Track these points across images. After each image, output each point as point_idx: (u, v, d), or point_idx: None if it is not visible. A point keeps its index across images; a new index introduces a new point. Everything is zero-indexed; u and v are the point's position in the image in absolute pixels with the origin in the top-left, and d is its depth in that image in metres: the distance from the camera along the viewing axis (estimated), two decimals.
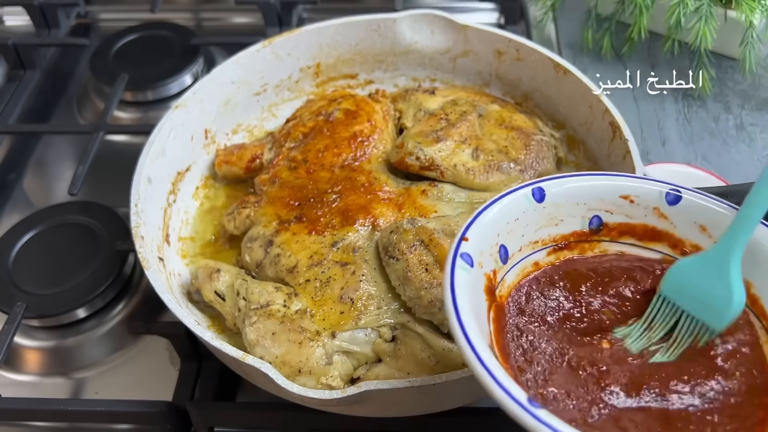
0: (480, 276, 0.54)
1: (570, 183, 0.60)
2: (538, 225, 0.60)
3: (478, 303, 0.52)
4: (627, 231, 0.61)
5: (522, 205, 0.58)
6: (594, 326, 0.56)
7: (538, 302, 0.57)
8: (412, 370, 0.67)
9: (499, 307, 0.55)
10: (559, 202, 0.60)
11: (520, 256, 0.59)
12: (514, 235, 0.58)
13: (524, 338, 0.54)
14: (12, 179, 1.08)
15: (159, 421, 0.74)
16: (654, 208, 0.60)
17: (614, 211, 0.61)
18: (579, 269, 0.59)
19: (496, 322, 0.53)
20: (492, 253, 0.56)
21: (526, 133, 0.86)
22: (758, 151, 1.01)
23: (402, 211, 0.77)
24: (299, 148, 0.87)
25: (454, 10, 1.29)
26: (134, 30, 1.24)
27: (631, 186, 0.60)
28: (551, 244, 0.61)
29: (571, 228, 0.61)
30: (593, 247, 0.62)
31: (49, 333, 0.87)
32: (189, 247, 0.87)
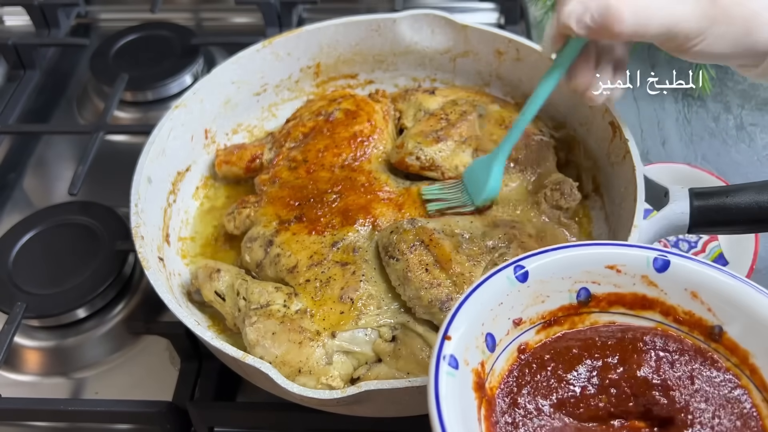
0: (467, 374, 0.50)
1: (552, 257, 0.57)
2: (524, 305, 0.57)
3: (467, 405, 0.49)
4: (616, 301, 0.59)
5: (505, 288, 0.55)
6: (591, 412, 0.53)
7: (529, 389, 0.53)
8: (412, 370, 0.67)
9: (490, 401, 0.52)
10: (543, 279, 0.56)
11: (509, 340, 0.56)
12: (499, 320, 0.55)
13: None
14: (12, 179, 1.08)
15: (159, 421, 0.74)
16: (642, 276, 0.57)
17: (601, 282, 0.58)
18: (570, 347, 0.56)
19: (488, 420, 0.50)
20: (478, 345, 0.53)
21: (526, 133, 0.85)
22: (758, 151, 1.01)
23: (402, 211, 0.77)
24: (299, 148, 0.87)
25: (454, 10, 1.29)
26: (134, 30, 1.24)
27: (616, 254, 0.58)
28: (539, 321, 0.58)
29: (558, 303, 0.58)
30: (583, 320, 0.59)
31: (49, 333, 0.87)
32: (189, 247, 0.87)
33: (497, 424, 0.51)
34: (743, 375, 0.54)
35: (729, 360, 0.55)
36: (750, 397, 0.53)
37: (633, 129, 0.83)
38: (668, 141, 1.03)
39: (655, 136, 1.03)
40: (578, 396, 0.53)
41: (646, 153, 1.00)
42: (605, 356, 0.55)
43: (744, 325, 0.54)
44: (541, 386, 0.54)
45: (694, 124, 1.05)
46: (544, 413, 0.53)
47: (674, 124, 1.05)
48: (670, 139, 1.03)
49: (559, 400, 0.53)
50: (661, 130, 1.04)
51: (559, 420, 0.52)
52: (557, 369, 0.55)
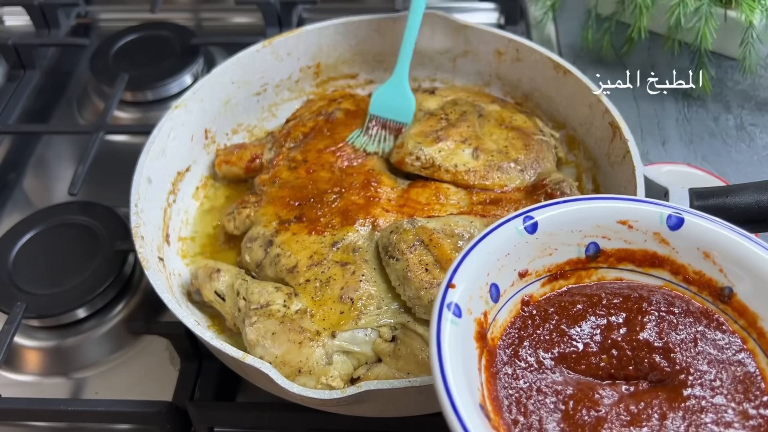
0: (470, 324, 0.50)
1: (563, 209, 0.56)
2: (531, 257, 0.56)
3: (468, 354, 0.49)
4: (626, 257, 0.58)
5: (512, 239, 0.54)
6: (592, 370, 0.53)
7: (531, 342, 0.53)
8: (412, 370, 0.67)
9: (491, 352, 0.51)
10: (552, 231, 0.56)
11: (513, 291, 0.55)
12: (505, 270, 0.54)
13: (518, 384, 0.50)
14: (12, 179, 1.08)
15: (159, 421, 0.74)
16: (654, 233, 0.57)
17: (612, 237, 0.57)
18: (575, 302, 0.56)
19: (488, 370, 0.50)
20: (482, 295, 0.52)
21: (526, 133, 0.86)
22: (758, 151, 1.01)
23: (402, 211, 0.77)
24: (299, 148, 0.87)
25: (454, 10, 1.29)
26: (134, 30, 1.24)
27: (629, 210, 0.57)
28: (545, 274, 0.57)
29: (566, 256, 0.57)
30: (590, 275, 0.58)
31: (49, 333, 0.87)
32: (189, 247, 0.87)
33: (497, 375, 0.51)
34: (750, 338, 0.54)
35: (737, 322, 0.55)
36: (755, 360, 0.53)
37: (633, 129, 0.83)
38: (668, 141, 1.03)
39: (655, 136, 1.03)
40: (580, 352, 0.53)
41: (646, 153, 1.00)
42: (609, 315, 0.55)
43: (755, 288, 0.53)
44: (543, 339, 0.53)
45: (694, 124, 1.05)
46: (545, 366, 0.52)
47: (674, 124, 1.05)
48: (670, 139, 1.03)
49: (560, 354, 0.53)
50: (661, 130, 1.04)
51: (559, 373, 0.52)
52: (560, 323, 0.54)
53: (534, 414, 0.49)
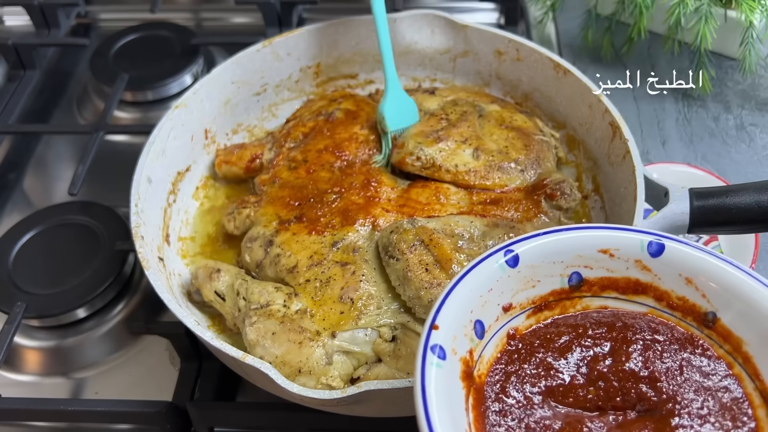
0: (455, 364, 0.50)
1: (543, 241, 0.56)
2: (514, 290, 0.56)
3: (454, 395, 0.48)
4: (609, 285, 0.58)
5: (494, 274, 0.54)
6: (579, 403, 0.52)
7: (518, 377, 0.53)
8: (412, 370, 0.67)
9: (478, 390, 0.51)
10: (534, 263, 0.56)
11: (498, 326, 0.55)
12: (489, 306, 0.54)
13: (506, 421, 0.50)
14: (12, 179, 1.08)
15: (159, 421, 0.74)
16: (636, 260, 0.57)
17: (594, 266, 0.57)
18: (560, 333, 0.55)
19: (476, 409, 0.50)
20: (467, 333, 0.52)
21: (526, 133, 0.86)
22: (758, 151, 1.01)
23: (402, 211, 0.77)
24: (299, 148, 0.87)
25: (454, 10, 1.29)
26: (134, 30, 1.24)
27: (610, 238, 0.56)
28: (530, 306, 0.57)
29: (549, 287, 0.57)
30: (575, 304, 0.58)
31: (49, 333, 0.87)
32: (189, 247, 0.87)
33: (485, 413, 0.50)
34: (736, 363, 0.54)
35: (722, 347, 0.55)
36: (741, 385, 0.53)
37: (633, 129, 0.83)
38: (668, 141, 1.03)
39: (655, 136, 1.03)
40: (567, 385, 0.53)
41: (646, 153, 1.00)
42: (595, 345, 0.55)
43: (738, 313, 0.54)
44: (530, 374, 0.53)
45: (694, 124, 1.05)
46: (533, 402, 0.52)
47: (674, 124, 1.05)
48: (670, 139, 1.03)
49: (548, 388, 0.53)
50: (661, 130, 1.04)
51: (548, 408, 0.52)
52: (546, 356, 0.54)
53: None
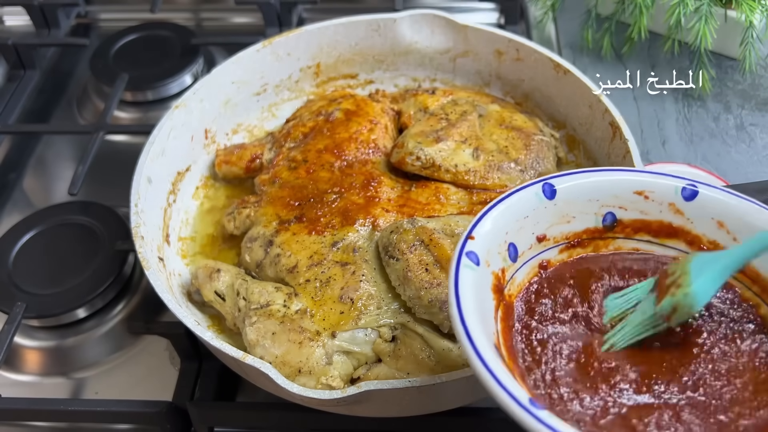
0: (487, 275, 0.52)
1: (582, 179, 0.58)
2: (549, 222, 0.58)
3: (485, 302, 0.51)
4: (642, 228, 0.60)
5: (532, 203, 0.57)
6: (605, 329, 0.54)
7: (548, 301, 0.55)
8: (412, 370, 0.67)
9: (508, 306, 0.54)
10: (570, 198, 0.58)
11: (531, 254, 0.58)
12: (523, 232, 0.56)
13: (533, 337, 0.52)
14: (12, 179, 1.08)
15: (159, 421, 0.74)
16: (669, 204, 0.58)
17: (628, 208, 0.59)
18: (591, 268, 0.57)
19: (504, 321, 0.52)
20: (500, 252, 0.54)
21: (526, 133, 0.86)
22: (758, 151, 1.01)
23: (402, 211, 0.77)
24: (299, 148, 0.87)
25: (454, 10, 1.29)
26: (134, 30, 1.24)
27: (645, 181, 0.59)
28: (563, 241, 0.59)
29: (583, 225, 0.59)
30: (607, 244, 0.60)
31: (49, 333, 0.87)
32: (189, 247, 0.87)
33: (513, 327, 0.53)
34: (764, 304, 0.55)
35: (750, 289, 0.56)
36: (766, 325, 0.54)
37: (633, 129, 0.83)
38: (668, 141, 1.03)
39: (655, 136, 1.03)
40: (594, 312, 0.55)
41: (646, 153, 1.00)
42: (624, 282, 0.56)
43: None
44: (559, 299, 0.55)
45: (694, 124, 1.05)
46: (559, 322, 0.54)
47: (674, 124, 1.05)
48: (670, 139, 1.03)
49: (574, 313, 0.55)
50: (661, 130, 1.04)
51: (573, 329, 0.54)
52: (576, 286, 0.56)
53: (547, 364, 0.51)
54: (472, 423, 0.73)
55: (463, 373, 0.61)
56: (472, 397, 0.70)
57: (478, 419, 0.73)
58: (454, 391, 0.65)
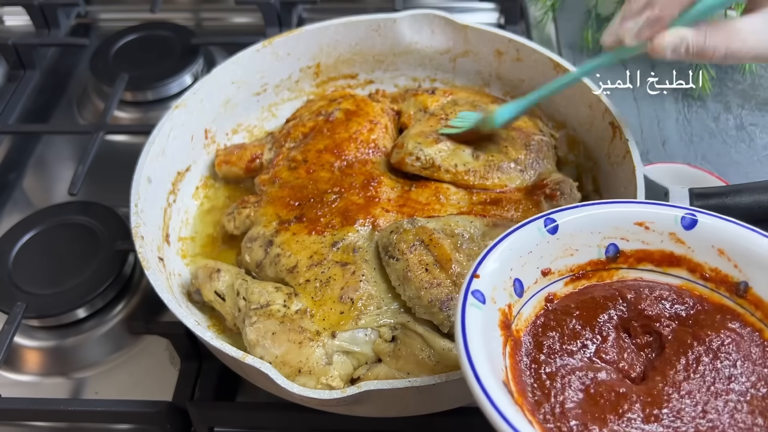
0: (494, 312, 0.53)
1: (583, 213, 0.59)
2: (553, 256, 0.59)
3: (492, 339, 0.52)
4: (644, 257, 0.60)
5: (534, 238, 0.57)
6: (611, 357, 0.55)
7: (555, 333, 0.56)
8: (412, 370, 0.67)
9: (516, 341, 0.54)
10: (572, 232, 0.59)
11: (536, 289, 0.58)
12: (528, 267, 0.57)
13: (542, 371, 0.53)
14: (12, 179, 1.08)
15: (159, 421, 0.74)
16: (670, 233, 0.59)
17: (630, 239, 0.60)
18: (596, 298, 0.58)
19: (513, 357, 0.53)
20: (506, 288, 0.55)
21: (526, 133, 0.86)
22: (758, 151, 1.01)
23: (402, 211, 0.77)
24: (299, 148, 0.87)
25: (454, 10, 1.29)
26: (134, 30, 1.24)
27: (645, 212, 0.60)
28: (568, 274, 0.60)
29: (587, 257, 0.60)
30: (611, 275, 0.60)
31: (49, 333, 0.87)
32: (189, 247, 0.87)
33: (521, 362, 0.53)
34: (767, 329, 0.55)
35: (753, 315, 0.57)
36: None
37: (633, 129, 0.83)
38: (668, 141, 1.03)
39: (655, 136, 1.03)
40: (602, 342, 0.55)
41: (646, 153, 1.00)
42: (629, 312, 0.57)
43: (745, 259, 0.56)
44: (567, 331, 0.56)
45: (694, 124, 1.05)
46: (568, 354, 0.54)
47: (674, 124, 1.05)
48: (670, 139, 1.03)
49: (583, 344, 0.55)
50: (661, 130, 1.04)
51: (582, 361, 0.54)
52: (582, 316, 0.56)
53: (557, 396, 0.51)
54: (472, 423, 0.73)
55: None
56: (472, 397, 0.70)
57: (478, 419, 0.72)
58: (454, 391, 0.65)
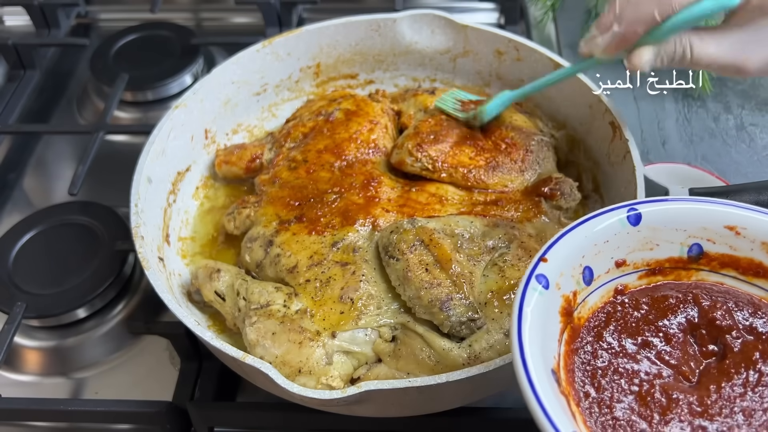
0: (556, 298, 0.52)
1: (670, 206, 0.56)
2: (630, 248, 0.56)
3: (550, 324, 0.50)
4: (729, 263, 0.57)
5: (614, 228, 0.55)
6: (672, 360, 0.52)
7: (618, 326, 0.54)
8: (412, 370, 0.67)
9: (575, 328, 0.52)
10: (656, 226, 0.56)
11: (607, 278, 0.56)
12: (601, 256, 0.55)
13: (597, 362, 0.51)
14: (12, 179, 1.08)
15: (159, 421, 0.74)
16: (762, 242, 0.55)
17: (717, 241, 0.57)
18: (669, 297, 0.55)
19: (569, 344, 0.51)
20: (574, 275, 0.53)
21: (526, 133, 0.86)
22: (758, 151, 1.01)
23: (402, 211, 0.77)
24: (299, 148, 0.87)
25: (454, 10, 1.29)
26: (134, 30, 1.24)
27: (738, 216, 0.56)
28: (643, 268, 0.57)
29: (667, 254, 0.57)
30: (690, 275, 0.58)
31: (49, 333, 0.87)
32: (189, 247, 0.87)
33: (577, 351, 0.52)
34: None
35: None
36: None
37: (633, 129, 0.83)
38: (668, 141, 1.03)
39: (655, 136, 1.03)
40: (663, 343, 0.53)
41: (646, 153, 1.00)
42: (701, 315, 0.54)
43: None
44: (630, 327, 0.54)
45: (694, 124, 1.05)
46: (626, 350, 0.52)
47: (674, 124, 1.05)
48: (670, 139, 1.03)
49: (644, 342, 0.53)
50: (661, 130, 1.04)
51: (639, 359, 0.52)
52: (649, 314, 0.54)
53: (606, 390, 0.50)
54: (472, 423, 0.73)
55: (463, 373, 0.60)
56: (472, 397, 0.70)
57: (478, 419, 0.73)
58: (454, 391, 0.65)
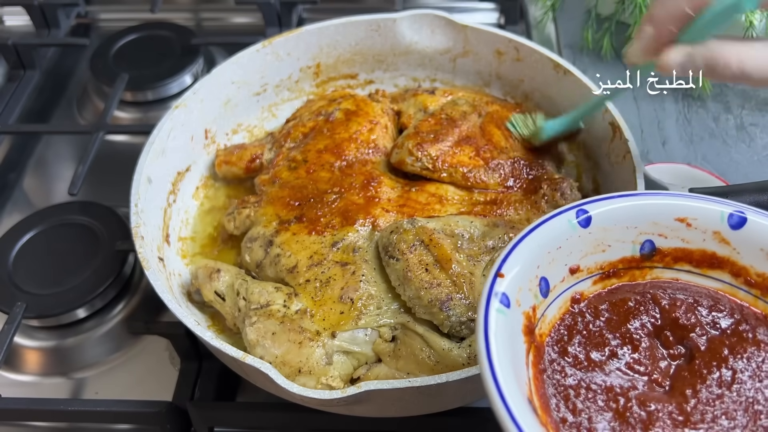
0: (518, 316, 0.49)
1: (619, 204, 0.54)
2: (583, 252, 0.54)
3: (516, 347, 0.47)
4: (683, 257, 0.55)
5: (565, 232, 0.53)
6: (642, 368, 0.51)
7: (581, 339, 0.51)
8: (412, 370, 0.67)
9: (539, 347, 0.50)
10: (606, 226, 0.54)
11: (563, 287, 0.54)
12: (555, 264, 0.53)
13: (566, 382, 0.49)
14: (12, 179, 1.08)
15: (159, 421, 0.74)
16: (714, 232, 0.54)
17: (669, 235, 0.55)
18: (627, 300, 0.54)
19: (535, 366, 0.49)
20: (531, 288, 0.51)
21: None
22: (758, 151, 1.01)
23: (402, 211, 0.77)
24: (299, 148, 0.87)
25: (454, 10, 1.29)
26: (134, 30, 1.24)
27: (688, 207, 0.54)
28: (597, 272, 0.55)
29: (619, 254, 0.55)
30: (644, 274, 0.56)
31: (49, 333, 0.87)
32: (189, 247, 0.87)
33: (545, 372, 0.49)
34: None
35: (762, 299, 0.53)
36: None
37: (633, 129, 0.83)
38: (668, 141, 1.03)
39: (655, 136, 1.03)
40: (630, 350, 0.51)
41: (646, 153, 1.00)
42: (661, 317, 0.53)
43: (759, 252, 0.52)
44: (593, 337, 0.52)
45: (694, 124, 1.05)
46: (594, 363, 0.50)
47: (674, 124, 1.05)
48: (670, 139, 1.03)
49: (611, 352, 0.51)
50: (661, 130, 1.04)
51: (609, 371, 0.50)
52: (610, 321, 0.52)
53: (583, 412, 0.47)
54: (472, 423, 0.73)
55: (463, 373, 0.60)
56: (472, 397, 0.70)
57: (478, 419, 0.73)
58: (454, 391, 0.65)
